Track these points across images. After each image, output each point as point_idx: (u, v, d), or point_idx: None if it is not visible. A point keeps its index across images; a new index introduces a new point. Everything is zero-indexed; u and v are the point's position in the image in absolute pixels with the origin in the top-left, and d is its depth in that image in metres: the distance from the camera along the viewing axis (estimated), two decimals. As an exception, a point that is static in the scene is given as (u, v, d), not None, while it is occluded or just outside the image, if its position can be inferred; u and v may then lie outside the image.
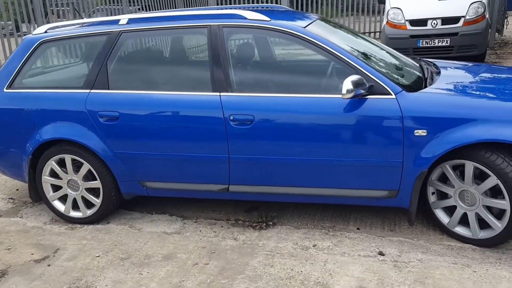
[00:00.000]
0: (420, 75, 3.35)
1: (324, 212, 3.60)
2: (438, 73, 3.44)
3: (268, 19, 3.22)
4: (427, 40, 8.78)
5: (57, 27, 3.70)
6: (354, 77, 2.85)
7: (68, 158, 3.53)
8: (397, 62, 3.39)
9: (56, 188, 3.69)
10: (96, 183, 3.54)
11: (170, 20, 3.42)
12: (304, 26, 3.20)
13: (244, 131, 3.13)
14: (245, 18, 3.27)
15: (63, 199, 3.70)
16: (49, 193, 3.69)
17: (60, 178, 3.63)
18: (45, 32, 3.66)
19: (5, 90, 3.64)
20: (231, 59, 3.22)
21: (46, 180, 3.65)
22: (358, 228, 3.33)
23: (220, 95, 3.19)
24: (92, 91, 3.44)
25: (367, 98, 2.95)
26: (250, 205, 3.80)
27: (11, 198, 4.28)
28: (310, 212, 3.62)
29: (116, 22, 3.54)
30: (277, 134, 3.09)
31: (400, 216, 3.46)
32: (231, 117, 3.14)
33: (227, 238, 3.34)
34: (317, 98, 3.04)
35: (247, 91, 3.20)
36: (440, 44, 8.71)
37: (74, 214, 3.68)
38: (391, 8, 9.03)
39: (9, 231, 3.66)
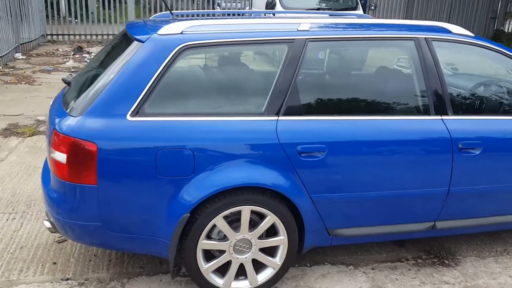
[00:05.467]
0: None
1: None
2: None
3: (472, 34, 2.94)
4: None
5: (195, 26, 2.59)
6: None
7: (246, 210, 2.53)
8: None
9: (206, 255, 2.60)
10: (279, 240, 2.64)
11: (363, 28, 2.78)
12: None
13: (471, 159, 2.79)
14: (450, 32, 2.91)
15: (218, 269, 2.63)
16: (203, 264, 2.57)
17: (225, 240, 2.57)
18: (182, 33, 2.53)
19: (130, 118, 2.38)
20: (444, 76, 2.82)
21: (204, 245, 2.54)
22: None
23: (442, 119, 2.77)
24: (281, 118, 2.54)
25: None
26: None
27: (69, 279, 2.82)
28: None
29: (292, 26, 2.70)
30: (505, 160, 2.86)
31: None
32: (460, 145, 2.75)
33: (437, 283, 2.92)
34: None
35: (469, 113, 2.86)
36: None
37: (240, 285, 2.66)
38: None
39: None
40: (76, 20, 12.17)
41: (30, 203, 3.70)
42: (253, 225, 2.60)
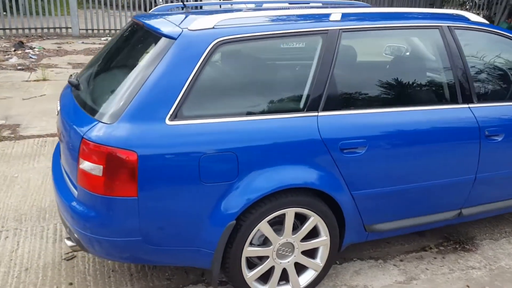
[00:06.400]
0: None
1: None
2: None
3: (487, 22, 2.98)
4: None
5: (227, 19, 2.41)
6: None
7: (291, 213, 2.42)
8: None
9: (248, 262, 2.47)
10: (322, 241, 2.55)
11: (392, 18, 2.73)
12: (510, 32, 3.11)
13: (495, 145, 2.84)
14: (469, 20, 2.93)
15: (261, 276, 2.51)
16: (247, 273, 2.44)
17: (268, 245, 2.45)
18: (214, 27, 2.34)
19: (168, 122, 2.18)
20: (469, 64, 2.84)
21: (249, 252, 2.40)
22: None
23: (469, 107, 2.79)
24: (320, 114, 2.44)
25: None
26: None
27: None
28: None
29: (322, 17, 2.59)
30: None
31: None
32: (487, 132, 2.79)
33: (464, 269, 2.97)
34: None
35: (490, 100, 2.90)
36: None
37: (281, 291, 2.56)
38: None
39: None
40: (5, 13, 11.18)
41: (20, 218, 3.35)
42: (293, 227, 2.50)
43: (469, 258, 3.08)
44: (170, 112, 2.18)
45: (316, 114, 2.43)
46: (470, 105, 2.79)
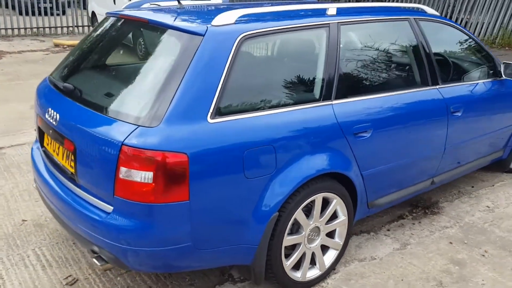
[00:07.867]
0: None
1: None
2: None
3: (439, 14, 3.40)
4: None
5: (245, 15, 2.42)
6: None
7: (320, 198, 2.54)
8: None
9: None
10: (341, 221, 2.72)
11: (374, 11, 2.98)
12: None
13: (457, 120, 3.27)
14: (425, 12, 3.31)
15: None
16: (286, 262, 2.50)
17: (300, 232, 2.54)
18: (235, 23, 2.35)
19: (210, 120, 2.15)
20: (433, 51, 3.21)
21: (287, 241, 2.47)
22: (472, 186, 4.06)
23: (438, 88, 3.17)
24: (334, 102, 2.60)
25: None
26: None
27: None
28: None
29: (320, 11, 2.73)
30: (473, 118, 3.43)
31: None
32: (451, 109, 3.21)
33: (440, 229, 3.37)
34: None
35: (449, 81, 3.31)
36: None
37: (312, 274, 2.67)
38: None
39: None
40: None
41: (-13, 249, 2.95)
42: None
43: (439, 220, 3.50)
44: (211, 110, 2.15)
45: (330, 102, 2.57)
46: (437, 87, 3.18)
